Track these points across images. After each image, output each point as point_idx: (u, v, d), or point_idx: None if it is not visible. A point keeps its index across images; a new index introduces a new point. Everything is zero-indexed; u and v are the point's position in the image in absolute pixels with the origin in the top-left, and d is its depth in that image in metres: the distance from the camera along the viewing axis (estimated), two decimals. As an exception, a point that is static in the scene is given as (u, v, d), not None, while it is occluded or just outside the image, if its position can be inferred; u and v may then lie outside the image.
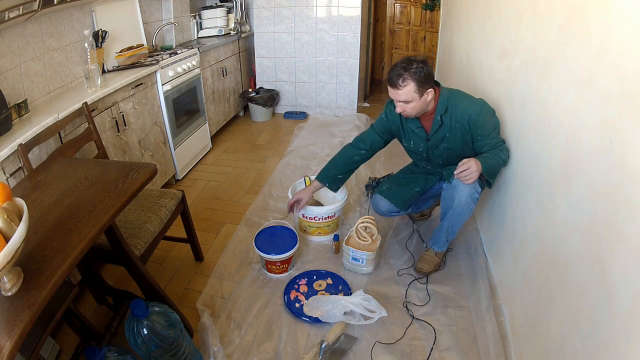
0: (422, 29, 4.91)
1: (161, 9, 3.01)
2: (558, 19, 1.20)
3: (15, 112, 1.62)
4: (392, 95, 1.54)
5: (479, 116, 1.54)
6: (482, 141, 1.58)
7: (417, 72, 1.47)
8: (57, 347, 1.45)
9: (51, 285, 0.83)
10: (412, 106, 1.53)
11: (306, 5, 3.59)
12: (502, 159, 1.56)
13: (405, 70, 1.47)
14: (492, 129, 1.57)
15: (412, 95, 1.49)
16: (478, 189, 1.59)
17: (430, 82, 1.52)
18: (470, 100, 1.60)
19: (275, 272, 1.81)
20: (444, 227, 1.71)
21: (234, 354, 1.44)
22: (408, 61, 1.49)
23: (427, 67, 1.49)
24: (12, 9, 1.54)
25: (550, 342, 1.12)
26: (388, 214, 1.92)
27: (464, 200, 1.59)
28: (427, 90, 1.52)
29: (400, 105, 1.55)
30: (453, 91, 1.61)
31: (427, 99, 1.53)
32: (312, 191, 1.92)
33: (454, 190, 1.60)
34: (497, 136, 1.59)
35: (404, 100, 1.51)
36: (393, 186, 1.88)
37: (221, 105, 3.44)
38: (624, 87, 0.84)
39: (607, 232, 0.89)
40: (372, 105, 4.33)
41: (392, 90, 1.52)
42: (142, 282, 1.41)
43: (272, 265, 1.78)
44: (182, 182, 2.72)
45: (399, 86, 1.49)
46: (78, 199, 1.12)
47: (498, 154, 1.55)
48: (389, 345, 1.46)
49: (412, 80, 1.47)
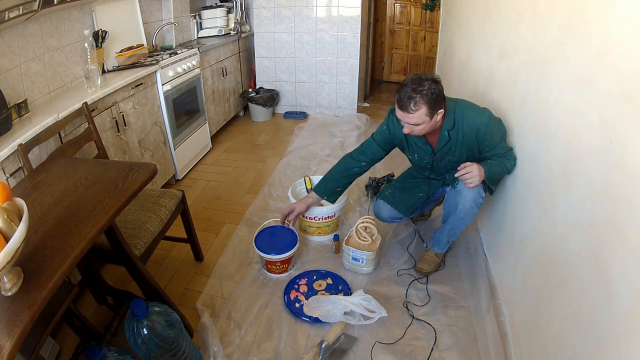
0: (422, 29, 4.91)
1: (161, 9, 3.01)
2: (558, 19, 1.20)
3: (15, 112, 1.62)
4: (401, 118, 1.45)
5: (487, 128, 1.49)
6: (489, 152, 1.54)
7: (428, 94, 1.37)
8: (57, 347, 1.45)
9: (51, 285, 0.83)
10: (421, 128, 1.45)
11: (306, 5, 3.59)
12: (507, 167, 1.51)
13: (416, 92, 1.37)
14: (499, 138, 1.52)
15: (423, 118, 1.41)
16: (482, 193, 1.57)
17: (441, 103, 1.43)
18: (477, 111, 1.53)
19: (275, 272, 1.81)
20: (446, 230, 1.70)
21: (234, 354, 1.44)
22: (419, 81, 1.38)
23: (439, 87, 1.41)
24: (12, 9, 1.54)
25: (550, 342, 1.12)
26: (390, 220, 1.88)
27: (468, 205, 1.57)
28: (439, 111, 1.44)
29: (408, 127, 1.46)
30: (458, 103, 1.54)
31: (437, 120, 1.46)
32: (307, 204, 1.85)
33: (458, 195, 1.58)
34: (504, 145, 1.54)
35: (414, 124, 1.43)
36: (396, 192, 1.84)
37: (221, 105, 3.44)
38: (624, 87, 0.84)
39: (607, 232, 0.89)
40: (372, 105, 4.33)
41: (402, 113, 1.42)
42: (142, 282, 1.41)
43: (272, 265, 1.78)
44: (182, 182, 2.72)
45: (410, 110, 1.39)
46: (78, 199, 1.12)
47: (504, 162, 1.51)
48: (389, 345, 1.46)
49: (424, 103, 1.38)
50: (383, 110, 4.09)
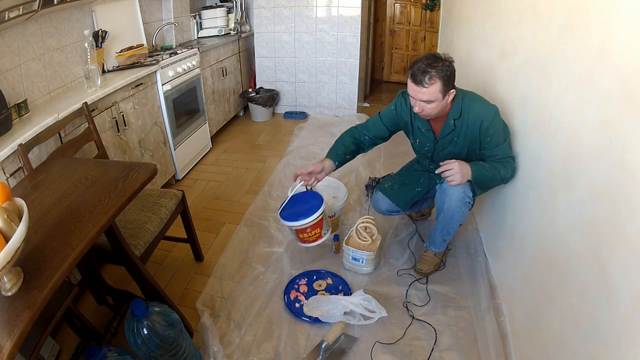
0: (422, 29, 4.91)
1: (161, 9, 3.01)
2: (558, 19, 1.20)
3: (15, 112, 1.62)
4: (414, 94, 1.41)
5: (491, 123, 1.46)
6: (489, 150, 1.51)
7: (443, 70, 1.35)
8: (57, 347, 1.45)
9: (51, 285, 0.83)
10: (432, 107, 1.42)
11: (306, 5, 3.59)
12: (502, 175, 1.48)
13: (431, 67, 1.35)
14: (502, 139, 1.49)
15: (437, 95, 1.38)
16: (469, 193, 1.54)
17: (453, 83, 1.42)
18: (484, 104, 1.50)
19: (309, 241, 1.67)
20: (438, 229, 1.70)
21: (234, 354, 1.44)
22: (434, 58, 1.37)
23: (453, 66, 1.39)
24: (12, 9, 1.54)
25: (550, 342, 1.12)
26: (387, 213, 1.90)
27: (454, 204, 1.55)
28: (450, 91, 1.42)
29: (420, 105, 1.43)
30: (466, 93, 1.52)
31: (448, 101, 1.43)
32: (323, 166, 1.66)
33: (444, 194, 1.57)
34: (507, 149, 1.50)
35: (427, 100, 1.40)
36: (395, 185, 1.85)
37: (221, 105, 3.44)
38: (624, 87, 0.84)
39: (607, 232, 0.89)
40: (372, 105, 4.33)
41: (415, 87, 1.39)
42: (142, 282, 1.41)
43: (303, 233, 1.64)
44: (182, 182, 2.72)
45: (424, 84, 1.36)
46: (78, 199, 1.12)
47: (498, 168, 1.47)
48: (389, 345, 1.46)
49: (439, 78, 1.35)
50: (383, 110, 4.09)
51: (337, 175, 2.64)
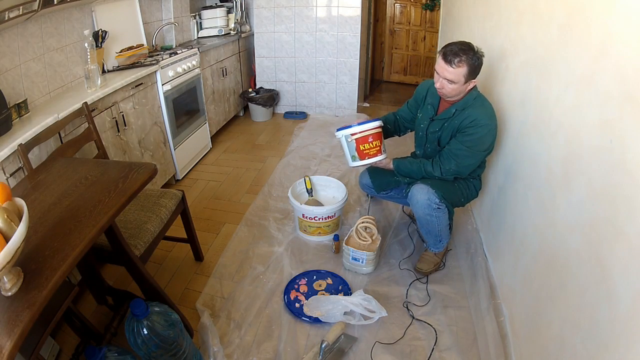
0: (422, 29, 4.91)
1: (161, 9, 3.01)
2: (558, 19, 1.20)
3: (15, 112, 1.62)
4: (440, 70, 1.49)
5: (477, 127, 1.50)
6: (450, 144, 1.59)
7: (474, 59, 1.44)
8: (57, 347, 1.45)
9: (51, 285, 0.83)
10: (452, 87, 1.49)
11: (306, 5, 3.59)
12: (427, 170, 1.63)
13: (463, 52, 1.44)
14: (468, 146, 1.53)
15: (460, 78, 1.46)
16: (435, 199, 1.57)
17: (477, 75, 1.50)
18: (488, 114, 1.54)
19: (370, 155, 1.66)
20: (423, 232, 1.75)
21: (234, 354, 1.44)
22: (468, 46, 1.46)
23: (482, 60, 1.48)
24: (12, 9, 1.54)
25: (550, 342, 1.12)
26: (365, 189, 2.01)
27: (421, 211, 1.62)
28: (472, 80, 1.49)
29: (442, 82, 1.51)
30: (481, 97, 1.58)
31: (466, 88, 1.51)
32: None
33: (411, 202, 1.65)
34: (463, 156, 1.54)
35: (450, 79, 1.47)
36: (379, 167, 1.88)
37: (221, 105, 3.44)
38: (624, 87, 0.84)
39: (607, 232, 0.89)
40: (372, 105, 4.33)
41: (443, 64, 1.47)
42: (142, 282, 1.41)
43: (365, 144, 1.63)
44: (182, 182, 2.72)
45: (453, 64, 1.44)
46: (78, 199, 1.12)
47: (425, 164, 1.64)
48: (389, 345, 1.46)
49: (467, 65, 1.44)
50: (383, 110, 4.09)
51: (337, 175, 2.64)
